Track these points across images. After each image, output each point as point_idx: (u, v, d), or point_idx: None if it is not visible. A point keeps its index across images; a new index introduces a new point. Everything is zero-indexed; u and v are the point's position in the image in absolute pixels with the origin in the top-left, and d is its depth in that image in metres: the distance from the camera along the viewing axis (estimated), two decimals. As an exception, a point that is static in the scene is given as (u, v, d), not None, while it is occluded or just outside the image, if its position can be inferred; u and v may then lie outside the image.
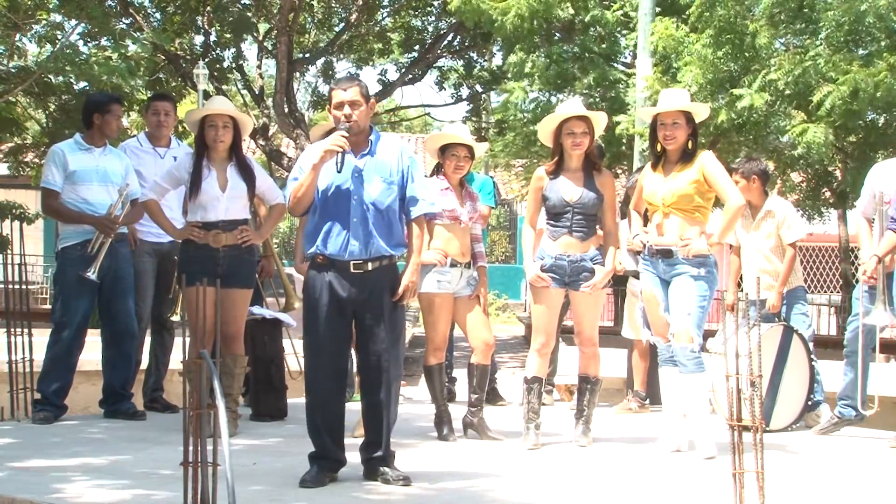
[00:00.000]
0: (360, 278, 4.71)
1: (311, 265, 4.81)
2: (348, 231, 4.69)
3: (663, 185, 5.70)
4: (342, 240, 4.69)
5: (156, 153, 6.79)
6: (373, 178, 4.75)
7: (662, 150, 5.78)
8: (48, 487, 4.47)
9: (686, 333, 5.55)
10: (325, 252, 4.71)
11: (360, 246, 4.70)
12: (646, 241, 5.79)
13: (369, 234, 4.71)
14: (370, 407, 4.83)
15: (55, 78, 11.99)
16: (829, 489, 4.99)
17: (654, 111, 5.83)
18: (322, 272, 4.74)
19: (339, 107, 4.74)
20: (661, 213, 5.72)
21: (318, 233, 4.74)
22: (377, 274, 4.74)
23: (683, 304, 5.56)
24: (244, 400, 6.75)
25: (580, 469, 5.34)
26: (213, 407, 3.66)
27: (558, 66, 12.81)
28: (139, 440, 5.79)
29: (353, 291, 4.71)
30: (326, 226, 4.72)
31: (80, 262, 6.22)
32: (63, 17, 12.25)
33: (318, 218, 4.76)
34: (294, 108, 18.43)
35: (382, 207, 4.75)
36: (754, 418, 3.97)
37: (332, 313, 4.71)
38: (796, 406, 6.69)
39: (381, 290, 4.76)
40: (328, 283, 4.71)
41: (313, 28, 20.63)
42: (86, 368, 7.26)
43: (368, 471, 4.80)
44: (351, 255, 4.69)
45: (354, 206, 4.70)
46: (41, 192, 6.53)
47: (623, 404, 7.61)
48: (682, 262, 5.60)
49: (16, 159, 13.78)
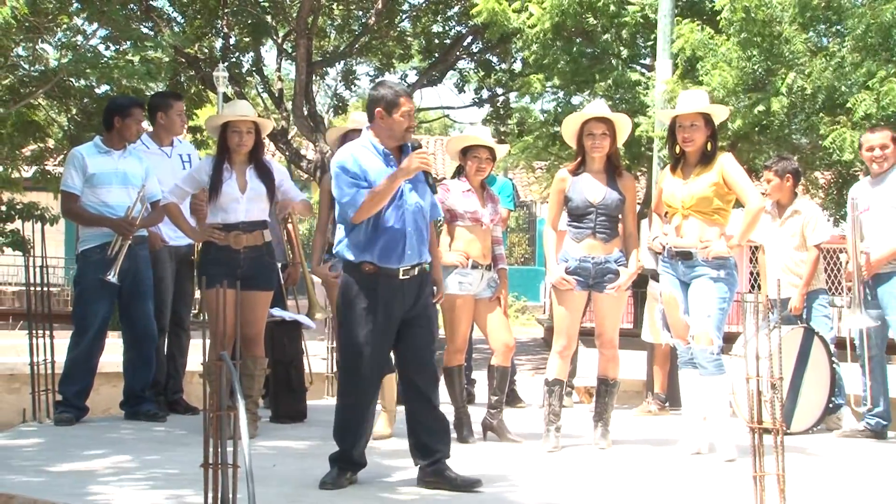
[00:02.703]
0: (407, 284, 4.70)
1: (356, 272, 4.69)
2: (405, 240, 4.66)
3: (682, 188, 5.69)
4: (399, 249, 4.65)
5: (162, 153, 6.81)
6: (418, 184, 4.75)
7: (681, 153, 5.76)
8: (75, 489, 4.50)
9: (706, 335, 5.53)
10: (379, 262, 4.64)
11: (414, 254, 4.69)
12: (665, 242, 5.78)
13: (422, 242, 4.74)
14: (425, 411, 4.75)
15: (76, 81, 12.06)
16: (849, 492, 4.97)
17: (672, 113, 5.81)
18: (368, 279, 4.65)
19: (408, 115, 4.70)
20: (681, 215, 5.70)
21: (371, 243, 4.65)
22: (420, 279, 4.76)
23: (703, 306, 5.54)
24: (263, 402, 6.77)
25: (600, 471, 5.33)
26: (233, 409, 3.67)
27: (576, 64, 12.80)
28: (161, 441, 5.82)
29: (400, 298, 4.68)
30: (384, 236, 4.64)
31: (100, 265, 6.25)
32: (84, 20, 12.32)
33: (372, 228, 4.65)
34: (313, 111, 18.48)
35: (427, 214, 4.81)
36: (775, 421, 3.95)
37: (377, 320, 4.64)
38: (817, 409, 6.66)
39: (425, 294, 4.80)
40: (374, 291, 4.64)
41: (333, 31, 20.67)
42: (106, 370, 7.31)
43: (434, 474, 4.71)
44: (404, 263, 4.67)
45: (409, 215, 4.68)
46: (61, 195, 6.54)
47: (643, 407, 7.60)
48: (701, 263, 5.58)
49: (39, 165, 13.86)
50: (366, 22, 19.51)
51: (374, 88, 4.87)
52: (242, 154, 5.93)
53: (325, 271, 5.97)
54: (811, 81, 9.49)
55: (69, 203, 6.42)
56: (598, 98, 8.83)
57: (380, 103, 4.72)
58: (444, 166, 23.61)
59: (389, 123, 4.71)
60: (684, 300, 5.69)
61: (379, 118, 4.72)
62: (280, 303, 7.03)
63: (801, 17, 9.85)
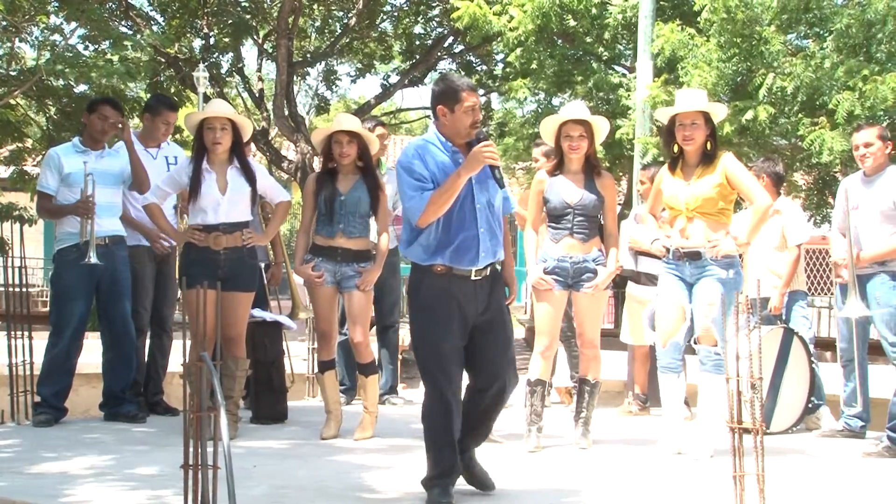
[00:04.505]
0: (480, 285, 4.48)
1: (426, 274, 4.48)
2: (478, 241, 4.45)
3: (685, 189, 5.66)
4: (473, 251, 4.44)
5: (148, 154, 6.77)
6: (486, 181, 4.52)
7: (679, 152, 5.75)
8: (54, 491, 4.47)
9: (711, 337, 5.54)
10: (452, 265, 4.43)
11: (487, 254, 4.48)
12: (669, 245, 5.76)
13: (494, 241, 4.52)
14: (482, 411, 4.59)
15: (55, 81, 12.00)
16: (829, 492, 4.99)
17: (672, 111, 5.75)
18: (440, 281, 4.44)
19: (471, 111, 4.45)
20: (685, 217, 5.67)
21: (444, 246, 4.43)
22: (493, 279, 4.55)
23: (709, 308, 5.54)
24: (244, 403, 6.75)
25: (581, 471, 5.33)
26: (213, 410, 3.66)
27: (560, 67, 12.84)
28: (141, 443, 5.79)
29: (474, 299, 4.46)
30: (457, 237, 4.43)
31: (76, 265, 6.23)
32: (63, 19, 12.26)
33: (443, 230, 4.43)
34: (294, 112, 18.45)
35: (497, 211, 4.58)
36: (755, 421, 3.96)
37: (452, 322, 4.42)
38: (797, 409, 6.69)
39: (498, 294, 4.58)
40: (449, 292, 4.43)
41: (313, 32, 20.65)
42: (85, 371, 7.27)
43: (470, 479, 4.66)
44: (478, 265, 4.47)
45: (480, 214, 4.47)
46: (36, 195, 6.56)
47: (624, 407, 7.61)
48: (710, 263, 5.57)
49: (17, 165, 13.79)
50: (347, 22, 19.51)
51: (435, 84, 4.66)
52: (220, 153, 5.90)
53: (308, 271, 5.96)
54: (791, 80, 9.53)
55: (42, 202, 6.46)
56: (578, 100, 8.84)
57: (441, 100, 4.49)
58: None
59: (452, 120, 4.46)
60: (688, 301, 5.66)
61: (441, 115, 4.49)
62: (263, 303, 7.01)
63: (779, 20, 9.90)
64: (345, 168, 6.00)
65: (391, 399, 7.48)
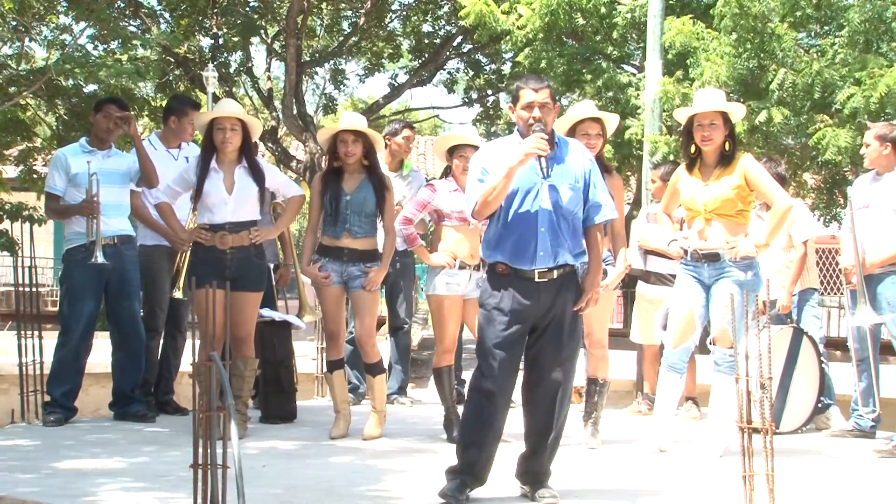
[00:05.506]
0: (544, 288, 4.43)
1: (490, 273, 4.51)
2: (536, 240, 4.40)
3: (704, 190, 5.62)
4: (530, 249, 4.40)
5: (169, 154, 6.79)
6: (561, 184, 4.45)
7: (696, 152, 5.72)
8: (65, 490, 4.49)
9: (727, 339, 5.52)
10: (510, 263, 4.42)
11: (547, 255, 4.41)
12: (686, 247, 5.73)
13: (557, 243, 4.42)
14: (539, 422, 4.59)
15: (64, 81, 12.04)
16: (838, 492, 4.98)
17: (691, 111, 5.71)
18: (503, 281, 4.44)
19: (529, 107, 4.43)
20: (703, 219, 5.63)
21: (502, 241, 4.45)
22: (561, 283, 4.47)
23: (727, 310, 5.52)
24: (253, 402, 6.76)
25: (589, 471, 5.33)
26: (222, 409, 3.66)
27: (569, 66, 12.82)
28: (151, 442, 5.80)
29: (535, 301, 4.41)
30: (514, 235, 4.42)
31: (85, 264, 6.24)
32: (72, 19, 12.30)
33: (502, 226, 4.45)
34: (303, 111, 18.47)
35: (570, 216, 4.47)
36: (764, 420, 3.95)
37: (510, 323, 4.41)
38: (806, 409, 6.67)
39: (565, 300, 4.48)
40: (510, 293, 4.41)
41: (322, 31, 20.67)
42: (95, 371, 7.29)
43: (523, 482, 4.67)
44: (537, 265, 4.42)
45: (543, 214, 4.41)
46: (44, 196, 6.60)
47: (633, 407, 7.60)
48: (729, 265, 5.55)
49: (26, 164, 13.84)
50: (355, 21, 19.52)
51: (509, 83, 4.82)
52: (229, 152, 5.90)
53: (315, 272, 5.96)
54: (802, 76, 9.49)
55: (50, 203, 6.50)
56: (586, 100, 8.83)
57: (510, 99, 4.60)
58: (434, 166, 23.60)
59: (517, 117, 4.50)
60: (705, 303, 5.64)
61: (511, 112, 4.58)
62: (271, 303, 7.01)
63: (792, 16, 9.87)
64: (350, 167, 5.99)
65: (399, 399, 7.48)
